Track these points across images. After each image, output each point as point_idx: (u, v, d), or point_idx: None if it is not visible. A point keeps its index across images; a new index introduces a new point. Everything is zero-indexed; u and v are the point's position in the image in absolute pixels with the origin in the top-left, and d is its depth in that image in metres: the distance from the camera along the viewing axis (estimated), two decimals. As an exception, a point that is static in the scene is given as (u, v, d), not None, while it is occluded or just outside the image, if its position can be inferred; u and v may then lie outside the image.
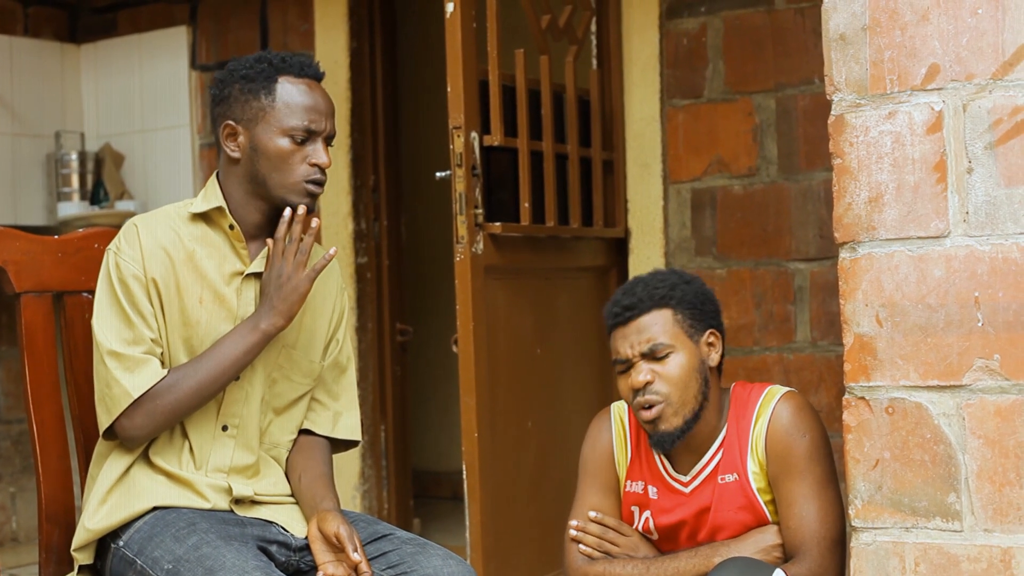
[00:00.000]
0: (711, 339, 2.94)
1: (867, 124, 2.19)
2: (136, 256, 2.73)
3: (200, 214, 2.80)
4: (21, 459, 5.68)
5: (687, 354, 2.88)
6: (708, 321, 2.94)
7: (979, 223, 2.11)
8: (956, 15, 2.13)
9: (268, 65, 2.77)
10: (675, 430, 2.87)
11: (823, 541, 2.83)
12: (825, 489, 2.86)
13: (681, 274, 2.99)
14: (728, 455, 2.92)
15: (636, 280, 2.98)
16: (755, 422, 2.91)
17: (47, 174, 5.96)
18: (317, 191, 2.78)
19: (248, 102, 2.76)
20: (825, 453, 2.89)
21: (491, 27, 4.03)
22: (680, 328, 2.89)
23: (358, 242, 5.44)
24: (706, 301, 2.95)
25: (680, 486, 2.96)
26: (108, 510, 2.71)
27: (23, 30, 5.94)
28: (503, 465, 4.03)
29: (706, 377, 2.90)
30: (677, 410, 2.87)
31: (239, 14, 5.71)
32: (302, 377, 2.88)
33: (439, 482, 6.98)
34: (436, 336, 6.66)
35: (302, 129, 2.74)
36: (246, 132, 2.77)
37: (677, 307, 2.90)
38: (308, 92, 2.77)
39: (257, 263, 2.79)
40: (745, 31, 4.61)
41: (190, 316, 2.75)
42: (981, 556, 2.12)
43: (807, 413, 2.90)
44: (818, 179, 4.48)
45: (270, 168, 2.75)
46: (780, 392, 2.93)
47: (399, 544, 2.74)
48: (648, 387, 2.87)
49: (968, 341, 2.12)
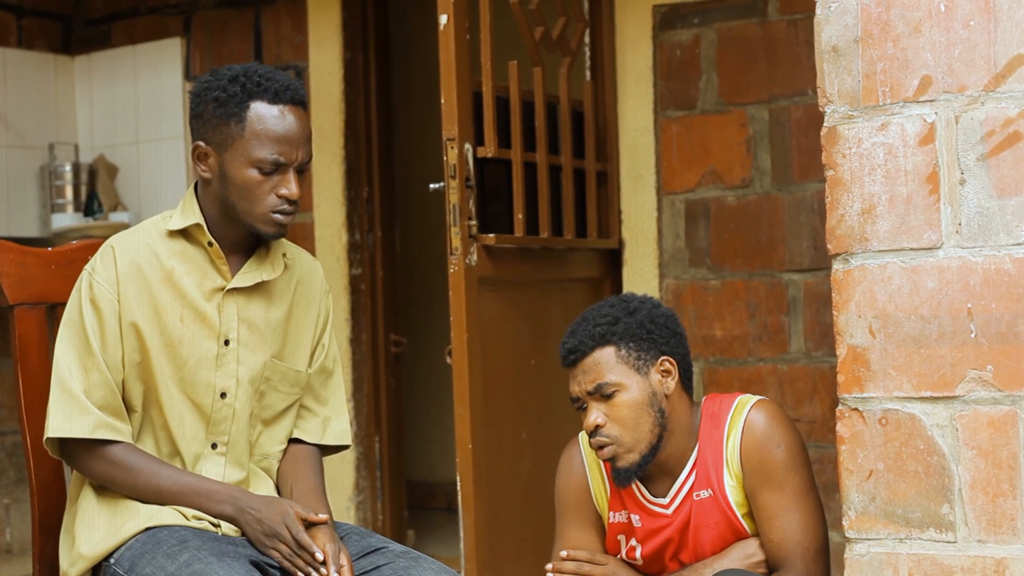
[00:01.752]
0: (665, 366, 2.87)
1: (860, 136, 2.20)
2: (111, 279, 2.71)
3: (178, 230, 2.77)
4: (15, 471, 5.68)
5: (636, 390, 2.83)
6: (659, 349, 2.87)
7: (972, 234, 2.12)
8: (948, 27, 2.13)
9: (241, 89, 2.69)
10: (632, 466, 2.84)
11: (807, 552, 2.81)
12: (805, 498, 2.83)
13: (626, 304, 2.92)
14: (702, 472, 2.87)
15: (580, 319, 2.92)
16: (728, 436, 2.86)
17: (41, 186, 5.96)
18: (285, 221, 2.72)
19: (218, 127, 2.70)
20: (802, 461, 2.84)
21: (485, 39, 4.03)
22: (625, 364, 2.84)
23: (352, 253, 5.44)
24: (654, 330, 2.88)
25: (661, 509, 2.92)
26: (101, 536, 2.69)
27: (17, 42, 5.94)
28: (497, 476, 4.03)
29: (661, 408, 2.85)
30: (630, 448, 2.83)
31: (233, 26, 5.71)
32: (289, 387, 2.86)
33: (433, 493, 6.98)
34: (430, 347, 6.66)
35: (270, 162, 2.68)
36: (216, 156, 2.72)
37: (620, 342, 2.84)
38: (280, 120, 2.69)
39: (238, 278, 2.77)
40: (738, 42, 4.62)
41: (172, 335, 2.73)
42: (975, 567, 2.12)
43: (780, 421, 2.85)
44: (811, 190, 4.49)
45: (237, 196, 2.70)
46: (751, 402, 2.88)
47: (393, 558, 2.72)
48: (599, 430, 2.83)
49: (961, 352, 2.12)
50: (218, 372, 2.76)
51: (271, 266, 2.81)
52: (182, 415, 2.75)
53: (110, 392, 2.70)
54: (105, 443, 2.69)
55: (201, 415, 2.76)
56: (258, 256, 2.81)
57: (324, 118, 5.44)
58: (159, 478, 2.69)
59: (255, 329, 2.79)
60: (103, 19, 6.09)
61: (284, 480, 2.86)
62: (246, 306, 2.79)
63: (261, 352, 2.80)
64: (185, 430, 2.75)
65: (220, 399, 2.76)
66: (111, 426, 2.69)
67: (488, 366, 4.00)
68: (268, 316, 2.82)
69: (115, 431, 2.69)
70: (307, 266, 2.94)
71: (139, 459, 2.70)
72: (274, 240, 2.78)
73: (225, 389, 2.77)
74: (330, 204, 5.43)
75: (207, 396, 2.76)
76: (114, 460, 2.69)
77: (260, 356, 2.79)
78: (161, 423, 2.75)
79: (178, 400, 2.74)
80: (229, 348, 2.77)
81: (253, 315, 2.79)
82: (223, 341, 2.76)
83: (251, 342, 2.79)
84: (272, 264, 2.82)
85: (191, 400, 2.75)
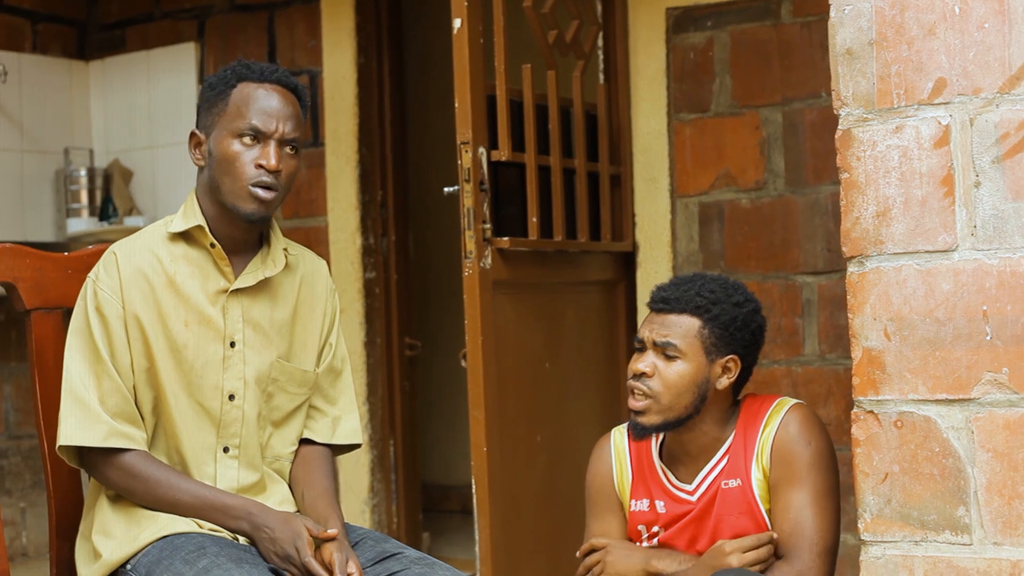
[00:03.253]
0: (729, 365, 2.92)
1: (874, 138, 2.20)
2: (114, 286, 2.72)
3: (180, 233, 2.78)
4: (31, 475, 5.69)
5: (693, 366, 2.89)
6: (734, 348, 2.93)
7: (987, 237, 2.12)
8: (963, 29, 2.13)
9: (231, 72, 2.76)
10: (652, 426, 2.90)
11: (814, 547, 2.83)
12: (824, 499, 2.86)
13: (736, 294, 2.96)
14: (732, 461, 2.93)
15: (691, 278, 2.98)
16: (763, 430, 2.92)
17: (56, 190, 5.98)
18: (265, 196, 2.70)
19: (209, 109, 2.76)
20: (828, 464, 2.89)
21: (498, 42, 4.03)
22: (699, 340, 2.90)
23: (366, 257, 5.45)
24: (742, 329, 2.93)
25: (686, 495, 2.97)
26: (118, 543, 2.69)
27: (32, 47, 5.96)
28: (512, 479, 4.03)
29: (704, 394, 2.90)
30: (661, 411, 2.89)
31: (247, 31, 5.73)
32: (297, 387, 2.86)
33: (448, 496, 6.99)
34: (444, 350, 6.66)
35: (249, 128, 2.69)
36: (206, 139, 2.76)
37: (708, 322, 2.90)
38: (263, 95, 2.72)
39: (242, 279, 2.77)
40: (752, 45, 4.61)
41: (176, 340, 2.73)
42: (990, 570, 2.12)
43: (814, 424, 2.91)
44: (825, 192, 4.48)
45: (222, 173, 2.71)
46: (790, 403, 2.94)
47: (408, 564, 2.70)
48: (644, 378, 2.89)
49: (976, 355, 2.12)
50: (225, 375, 2.76)
51: (273, 262, 2.81)
52: (191, 419, 2.75)
53: (123, 399, 2.70)
54: (120, 451, 2.69)
55: (210, 419, 2.76)
56: (260, 255, 2.81)
57: (338, 122, 5.45)
58: (176, 491, 2.69)
59: (260, 330, 2.79)
60: (117, 24, 6.11)
61: (296, 484, 2.86)
62: (251, 307, 2.79)
63: (267, 353, 2.80)
64: (195, 435, 2.75)
65: (229, 401, 2.76)
66: (124, 434, 2.69)
67: (503, 369, 4.00)
68: (273, 317, 2.82)
69: (128, 439, 2.69)
70: (311, 265, 2.93)
71: (156, 470, 2.70)
72: (256, 222, 2.74)
73: (233, 391, 2.77)
74: (344, 208, 5.44)
75: (215, 399, 2.76)
76: (130, 470, 2.69)
77: (266, 357, 2.79)
78: (171, 429, 2.75)
79: (186, 405, 2.74)
80: (235, 350, 2.77)
81: (258, 316, 2.79)
82: (229, 343, 2.76)
83: (257, 343, 2.79)
84: (274, 260, 2.82)
85: (199, 404, 2.75)
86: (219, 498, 2.71)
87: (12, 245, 2.85)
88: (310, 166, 5.49)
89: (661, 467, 3.01)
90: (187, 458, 2.76)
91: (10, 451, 5.65)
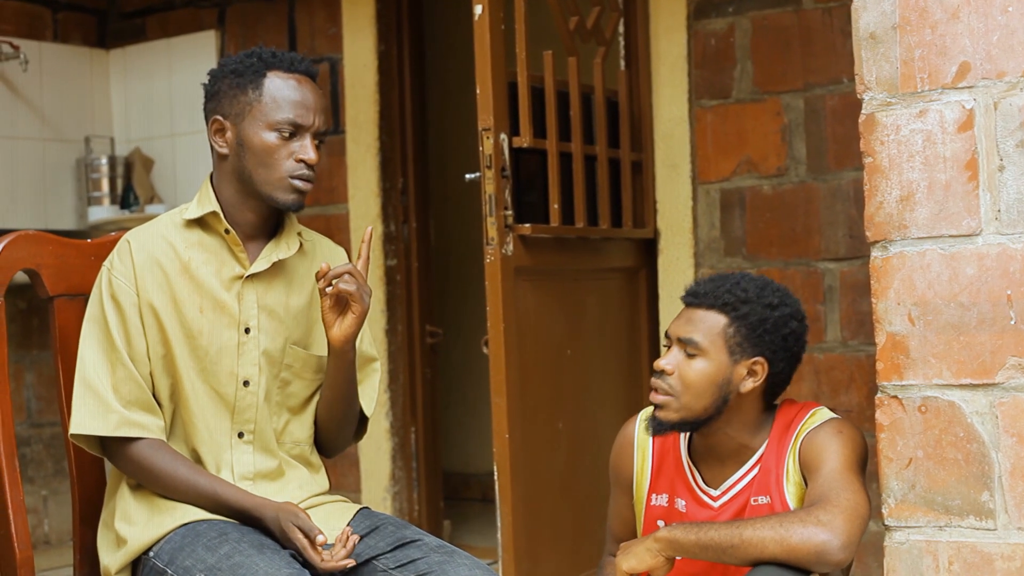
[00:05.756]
0: (755, 368, 2.78)
1: (898, 123, 2.19)
2: (128, 274, 2.73)
3: (195, 219, 2.79)
4: (53, 462, 5.71)
5: (714, 367, 2.77)
6: (761, 351, 2.79)
7: (1011, 221, 2.11)
8: (986, 13, 2.13)
9: (258, 60, 2.75)
10: (669, 422, 2.79)
11: (845, 510, 2.55)
12: (853, 471, 2.65)
13: (772, 296, 2.82)
14: (763, 475, 2.80)
15: (726, 276, 2.86)
16: (794, 441, 2.78)
17: (77, 179, 6.00)
18: (304, 187, 2.74)
19: (236, 97, 2.74)
20: (858, 459, 2.70)
21: (519, 29, 4.03)
22: (722, 339, 2.77)
23: (387, 244, 5.45)
24: (771, 332, 2.79)
25: (709, 500, 2.86)
26: (140, 530, 2.70)
27: (52, 35, 5.97)
28: (534, 466, 4.03)
29: (726, 396, 2.77)
30: (679, 409, 2.77)
31: (267, 18, 5.73)
32: (314, 374, 2.86)
33: (469, 484, 6.99)
34: (466, 338, 6.67)
35: (288, 123, 2.71)
36: (233, 127, 2.75)
37: (735, 320, 2.78)
38: (297, 87, 2.74)
39: (257, 264, 2.78)
40: (773, 31, 4.60)
41: (191, 327, 2.73)
42: (1015, 554, 2.12)
43: (847, 424, 2.75)
44: (847, 178, 4.47)
45: (256, 163, 2.72)
46: (827, 416, 2.79)
47: (427, 552, 2.70)
48: (664, 375, 2.80)
49: (1001, 339, 2.12)
50: (240, 360, 2.76)
51: (286, 246, 2.82)
52: (207, 405, 2.75)
53: (137, 387, 2.71)
54: (132, 441, 2.70)
55: (225, 404, 2.76)
56: (274, 240, 2.82)
57: (359, 109, 5.45)
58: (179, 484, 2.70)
59: (275, 316, 2.80)
60: (138, 12, 6.12)
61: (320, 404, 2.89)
62: (265, 293, 2.79)
63: (280, 337, 2.80)
64: (211, 420, 2.76)
65: (243, 387, 2.76)
66: (136, 423, 2.70)
67: (524, 356, 4.00)
68: (289, 303, 2.82)
69: (140, 427, 2.70)
70: (327, 252, 2.94)
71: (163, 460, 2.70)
72: (294, 211, 2.78)
73: (248, 377, 2.77)
74: (365, 195, 5.44)
75: (230, 385, 2.76)
76: (140, 460, 2.70)
77: (279, 341, 2.80)
78: (188, 415, 2.75)
79: (202, 391, 2.75)
80: (250, 336, 2.77)
81: (273, 302, 2.80)
82: (243, 329, 2.77)
83: (271, 329, 2.79)
84: (287, 244, 2.82)
85: (215, 390, 2.75)
86: (217, 494, 2.70)
87: (35, 232, 2.85)
88: (331, 154, 5.49)
89: (688, 464, 2.90)
90: (204, 444, 2.76)
91: (32, 439, 5.67)
